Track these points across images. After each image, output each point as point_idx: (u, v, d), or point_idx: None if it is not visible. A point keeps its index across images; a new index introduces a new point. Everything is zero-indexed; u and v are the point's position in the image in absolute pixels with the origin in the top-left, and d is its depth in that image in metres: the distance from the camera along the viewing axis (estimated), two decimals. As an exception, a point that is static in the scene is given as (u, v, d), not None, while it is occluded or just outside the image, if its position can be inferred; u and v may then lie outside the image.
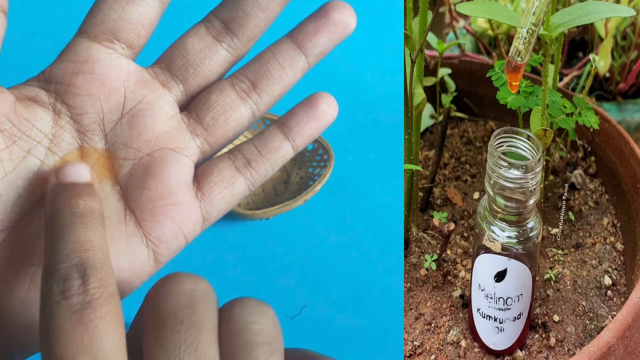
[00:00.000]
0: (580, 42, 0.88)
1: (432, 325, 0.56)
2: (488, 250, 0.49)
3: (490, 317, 0.52)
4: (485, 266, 0.50)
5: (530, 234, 0.49)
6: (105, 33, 0.32)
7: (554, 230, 0.64)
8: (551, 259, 0.61)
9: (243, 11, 0.32)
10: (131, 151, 0.32)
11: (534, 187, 0.46)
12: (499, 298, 0.50)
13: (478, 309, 0.52)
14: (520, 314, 0.52)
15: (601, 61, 0.74)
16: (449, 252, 0.61)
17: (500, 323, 0.52)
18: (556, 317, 0.56)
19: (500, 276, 0.50)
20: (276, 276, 0.65)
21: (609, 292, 0.58)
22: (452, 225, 0.55)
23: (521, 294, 0.50)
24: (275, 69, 0.33)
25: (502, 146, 0.47)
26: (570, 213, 0.65)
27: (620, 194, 0.64)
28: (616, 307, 0.57)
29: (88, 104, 0.31)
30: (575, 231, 0.64)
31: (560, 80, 0.81)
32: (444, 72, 0.76)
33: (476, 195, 0.68)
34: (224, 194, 0.32)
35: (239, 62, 0.34)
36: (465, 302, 0.57)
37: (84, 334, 0.24)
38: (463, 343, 0.55)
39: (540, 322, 0.56)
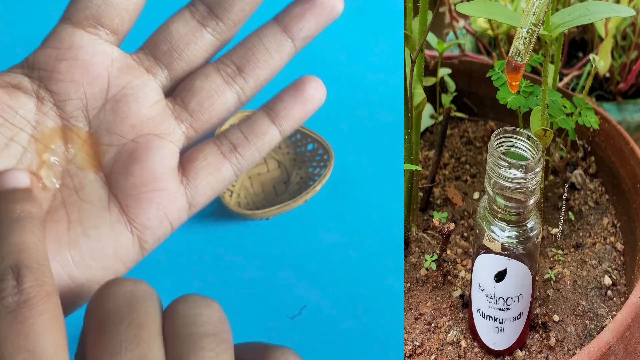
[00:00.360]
0: (580, 42, 0.88)
1: (432, 325, 0.56)
2: (488, 250, 0.49)
3: (490, 317, 0.52)
4: (485, 266, 0.50)
5: (530, 234, 0.49)
6: (89, 19, 0.31)
7: (554, 230, 0.64)
8: (551, 259, 0.61)
9: None
10: (115, 137, 0.32)
11: (534, 187, 0.46)
12: (499, 298, 0.50)
13: (478, 309, 0.52)
14: (520, 314, 0.51)
15: (601, 61, 0.74)
16: (449, 252, 0.61)
17: (500, 323, 0.52)
18: (556, 317, 0.56)
19: (500, 276, 0.50)
20: (276, 276, 0.65)
21: (609, 292, 0.58)
22: (452, 225, 0.55)
23: (521, 294, 0.50)
24: (261, 53, 0.33)
25: (502, 146, 0.47)
26: (570, 213, 0.65)
27: (620, 194, 0.64)
28: (616, 307, 0.57)
29: (71, 90, 0.31)
30: (575, 231, 0.64)
31: (560, 80, 0.81)
32: (444, 72, 0.76)
33: (476, 195, 0.68)
34: (209, 180, 0.32)
35: (225, 47, 0.34)
36: (465, 302, 0.57)
37: (20, 333, 0.24)
38: (463, 343, 0.55)
39: (540, 322, 0.56)
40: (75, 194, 0.31)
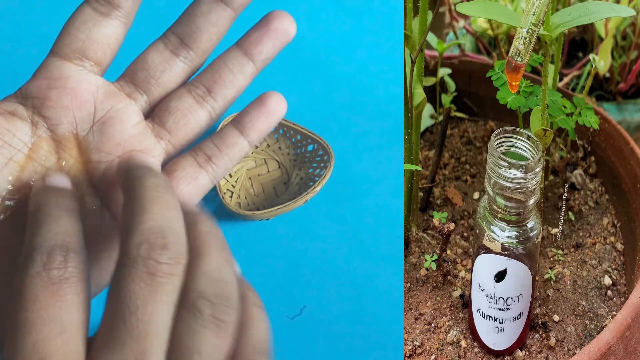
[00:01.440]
0: (580, 42, 0.88)
1: (432, 325, 0.56)
2: (488, 250, 0.49)
3: (490, 317, 0.52)
4: (485, 266, 0.50)
5: (530, 234, 0.49)
6: (75, 52, 0.35)
7: (554, 230, 0.64)
8: (551, 259, 0.61)
9: (196, 26, 0.36)
10: (103, 154, 0.35)
11: (534, 187, 0.46)
12: (499, 298, 0.50)
13: (478, 309, 0.52)
14: (520, 314, 0.52)
15: (601, 61, 0.74)
16: (449, 252, 0.61)
17: (500, 323, 0.52)
18: (556, 317, 0.56)
19: (500, 276, 0.50)
20: (276, 276, 0.65)
21: (609, 292, 0.58)
22: (452, 225, 0.55)
23: (521, 294, 0.50)
24: (227, 75, 0.36)
25: (502, 146, 0.47)
26: (570, 213, 0.65)
27: (620, 194, 0.64)
28: (616, 307, 0.57)
29: (62, 115, 0.34)
30: (575, 231, 0.64)
31: (560, 80, 0.81)
32: (444, 72, 0.76)
33: (476, 195, 0.68)
34: (189, 189, 0.36)
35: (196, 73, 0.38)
36: (465, 302, 0.57)
37: (56, 304, 0.27)
38: (463, 343, 0.55)
39: (540, 322, 0.56)
40: None
